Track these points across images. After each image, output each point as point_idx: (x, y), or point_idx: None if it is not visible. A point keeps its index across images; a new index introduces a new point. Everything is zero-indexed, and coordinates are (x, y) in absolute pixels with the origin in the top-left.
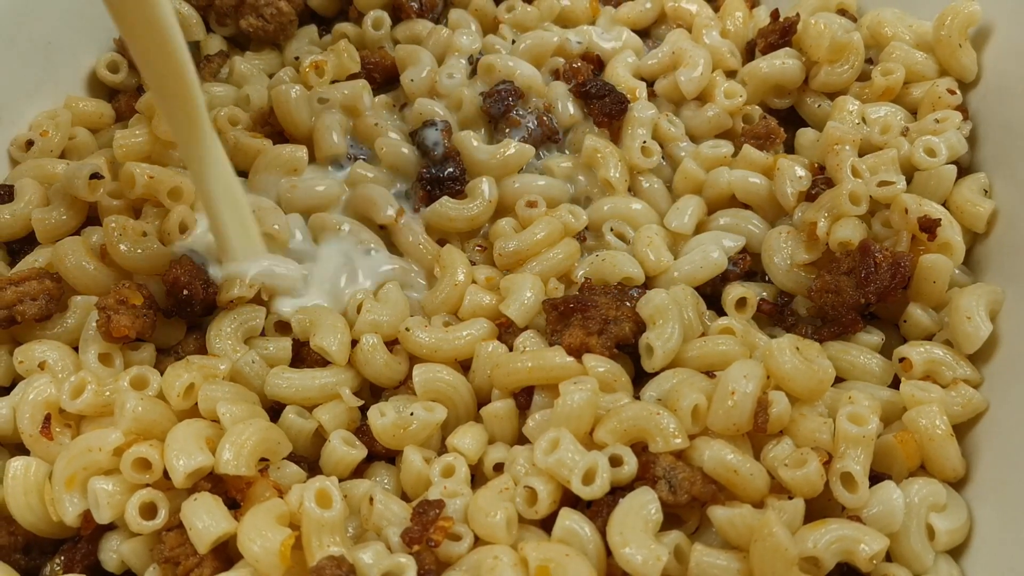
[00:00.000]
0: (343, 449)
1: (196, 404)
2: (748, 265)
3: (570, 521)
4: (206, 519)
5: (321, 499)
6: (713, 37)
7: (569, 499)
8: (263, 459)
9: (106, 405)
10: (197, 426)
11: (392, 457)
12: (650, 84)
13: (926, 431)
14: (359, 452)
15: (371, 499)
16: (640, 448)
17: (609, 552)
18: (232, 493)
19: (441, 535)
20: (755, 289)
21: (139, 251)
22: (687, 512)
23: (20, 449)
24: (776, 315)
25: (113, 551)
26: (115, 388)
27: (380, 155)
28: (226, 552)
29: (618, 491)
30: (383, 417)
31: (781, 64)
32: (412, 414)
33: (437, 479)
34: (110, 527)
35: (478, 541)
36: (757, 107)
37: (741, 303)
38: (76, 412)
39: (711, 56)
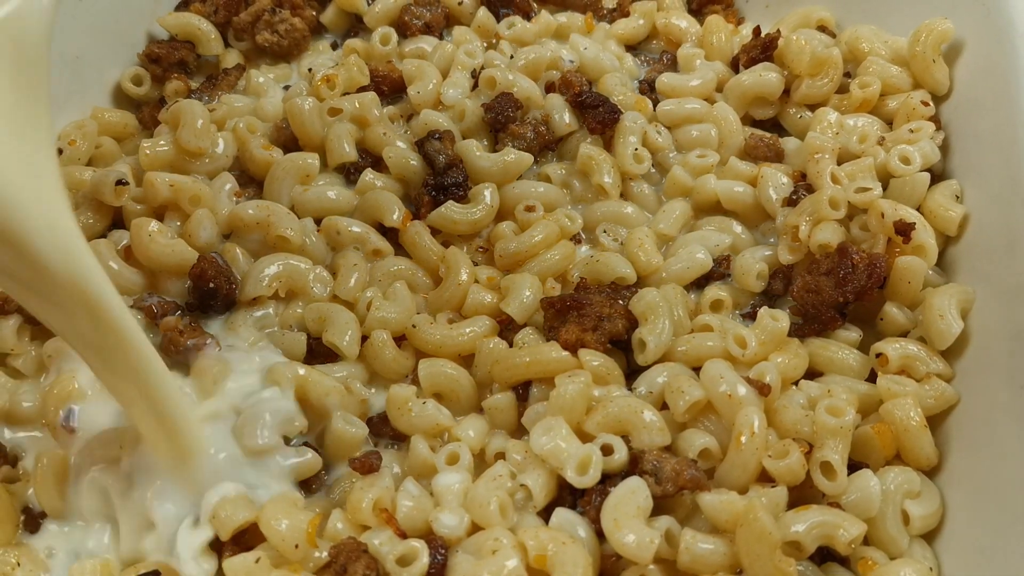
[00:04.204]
0: (343, 427)
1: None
2: (731, 266)
3: (566, 511)
4: (228, 508)
5: None
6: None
7: (563, 487)
8: None
9: None
10: None
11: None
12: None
13: (901, 422)
14: (359, 430)
15: None
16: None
17: (601, 539)
18: None
19: None
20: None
21: (164, 252)
22: (676, 501)
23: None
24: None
25: None
26: None
27: (388, 163)
28: (243, 538)
29: (608, 479)
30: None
31: (760, 77)
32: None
33: (442, 466)
34: None
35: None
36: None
37: (717, 304)
38: None
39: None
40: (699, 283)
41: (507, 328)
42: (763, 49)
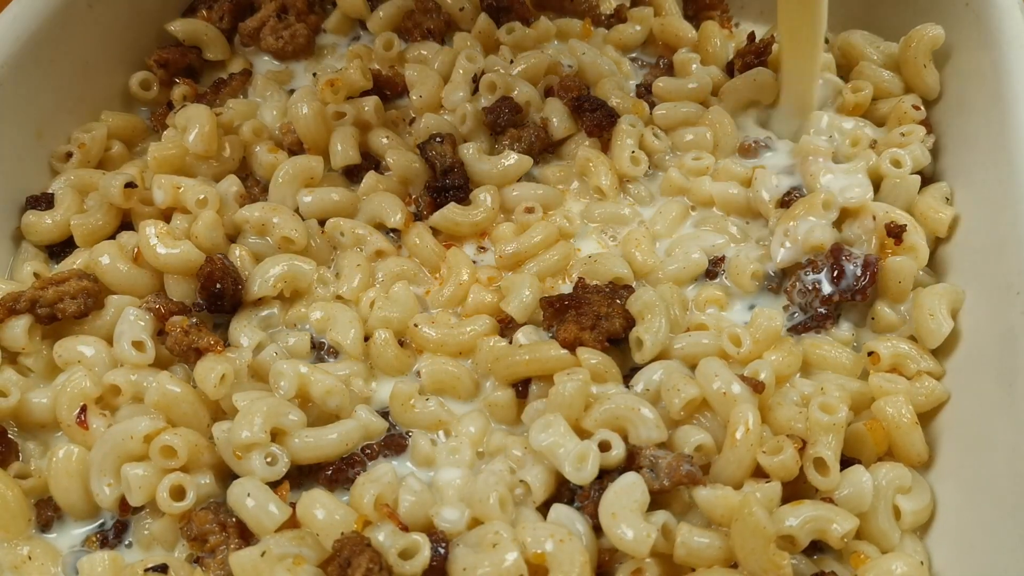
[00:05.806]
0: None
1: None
2: (726, 265)
3: (564, 506)
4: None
5: None
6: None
7: (561, 482)
8: None
9: (138, 394)
10: None
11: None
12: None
13: (893, 419)
14: (380, 422)
15: None
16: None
17: (599, 534)
18: None
19: None
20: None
21: (172, 252)
22: (672, 496)
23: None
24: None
25: (145, 529)
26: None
27: (390, 166)
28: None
29: (606, 475)
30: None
31: (754, 81)
32: None
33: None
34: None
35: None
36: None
37: (713, 303)
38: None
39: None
40: (695, 282)
41: (507, 327)
42: (757, 54)
